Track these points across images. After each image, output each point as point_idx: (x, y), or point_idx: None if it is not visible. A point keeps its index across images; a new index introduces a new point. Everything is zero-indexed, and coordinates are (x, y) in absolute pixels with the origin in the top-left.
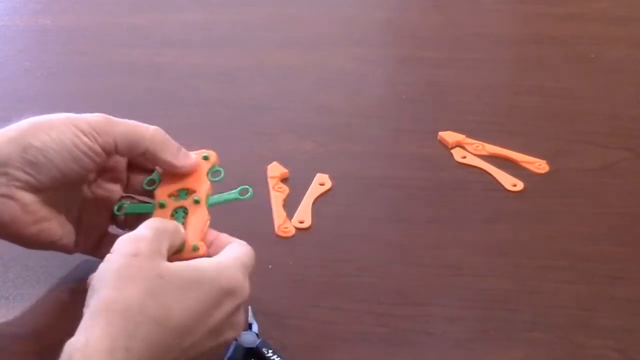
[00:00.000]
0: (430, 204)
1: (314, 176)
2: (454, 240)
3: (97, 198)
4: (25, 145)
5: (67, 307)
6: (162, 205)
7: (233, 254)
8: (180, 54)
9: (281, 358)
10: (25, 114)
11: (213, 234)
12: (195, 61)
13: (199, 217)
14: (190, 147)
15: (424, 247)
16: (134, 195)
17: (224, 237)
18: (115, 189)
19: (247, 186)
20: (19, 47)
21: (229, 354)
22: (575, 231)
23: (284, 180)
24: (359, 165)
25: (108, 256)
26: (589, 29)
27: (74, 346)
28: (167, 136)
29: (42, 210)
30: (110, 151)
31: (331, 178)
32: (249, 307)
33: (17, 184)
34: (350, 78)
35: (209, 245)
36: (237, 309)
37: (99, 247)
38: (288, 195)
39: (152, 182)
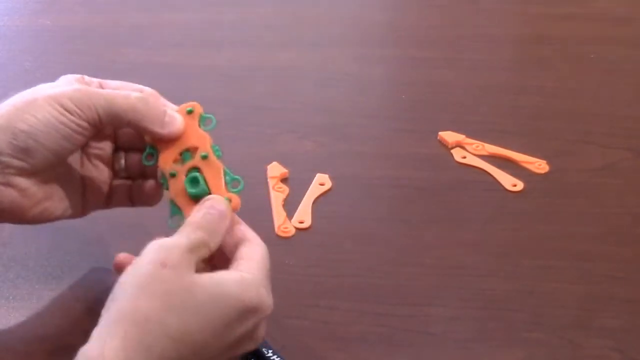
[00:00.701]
0: (430, 204)
1: (314, 176)
2: (454, 240)
3: (93, 159)
4: (13, 131)
5: (68, 307)
6: (173, 175)
7: (256, 265)
8: (181, 54)
9: (281, 358)
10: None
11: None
12: (195, 61)
13: (214, 171)
14: None
15: (424, 247)
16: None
17: (241, 229)
18: (107, 146)
19: (238, 177)
20: (19, 47)
21: None
22: (575, 231)
23: (284, 180)
24: (359, 165)
25: (136, 260)
26: (589, 29)
27: (88, 355)
28: (151, 100)
29: (41, 192)
30: (95, 124)
31: (331, 178)
32: None
33: (12, 170)
34: (350, 78)
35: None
36: (258, 324)
37: (109, 201)
38: (288, 195)
39: (150, 156)
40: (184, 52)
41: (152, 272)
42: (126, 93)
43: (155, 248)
